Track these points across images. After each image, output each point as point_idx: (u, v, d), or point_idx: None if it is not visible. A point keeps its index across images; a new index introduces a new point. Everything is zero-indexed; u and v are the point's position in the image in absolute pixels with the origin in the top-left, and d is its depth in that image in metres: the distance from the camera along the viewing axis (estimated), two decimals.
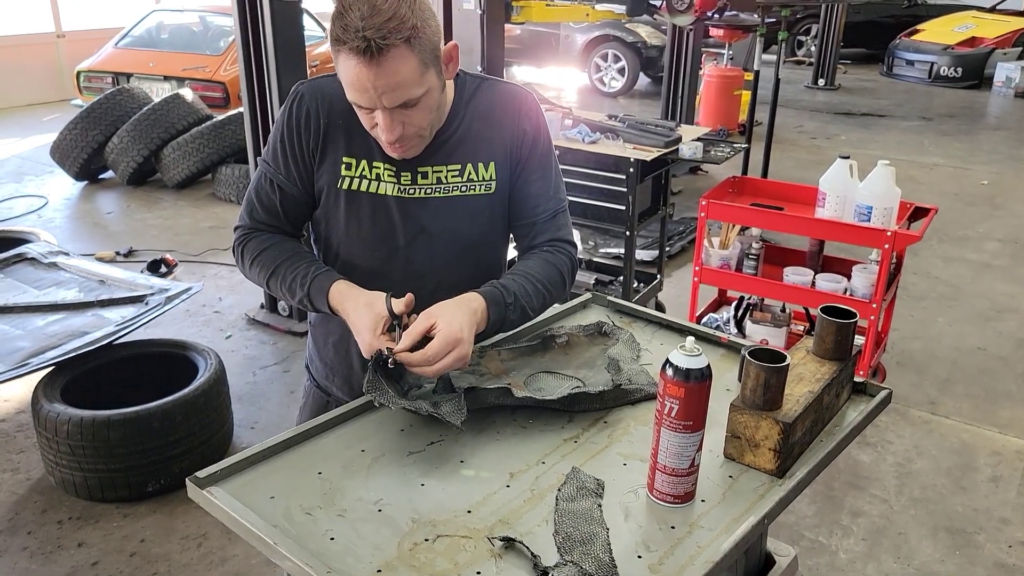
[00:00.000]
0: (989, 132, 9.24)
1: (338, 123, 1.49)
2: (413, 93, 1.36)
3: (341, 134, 1.50)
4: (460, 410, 1.35)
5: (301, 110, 1.50)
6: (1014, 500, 3.09)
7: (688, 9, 5.19)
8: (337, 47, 1.32)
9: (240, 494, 1.23)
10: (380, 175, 1.50)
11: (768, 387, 1.28)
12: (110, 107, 6.60)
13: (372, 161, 1.50)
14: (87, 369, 3.11)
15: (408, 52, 1.32)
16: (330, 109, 1.50)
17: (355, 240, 1.55)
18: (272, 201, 1.56)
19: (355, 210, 1.53)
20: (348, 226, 1.54)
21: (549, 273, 1.58)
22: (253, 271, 1.57)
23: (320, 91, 1.51)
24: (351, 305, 1.44)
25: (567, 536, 1.15)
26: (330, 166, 1.51)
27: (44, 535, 2.81)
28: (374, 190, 1.51)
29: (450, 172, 1.53)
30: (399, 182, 1.51)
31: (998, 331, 4.43)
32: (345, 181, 1.51)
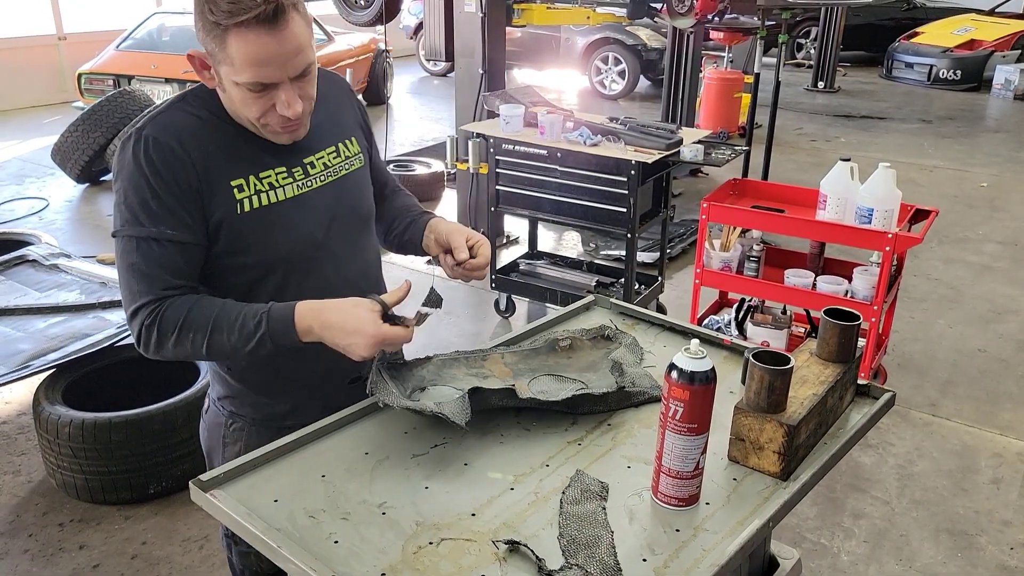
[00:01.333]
0: (988, 134, 9.24)
1: (208, 151, 1.39)
2: (309, 58, 1.35)
3: (215, 162, 1.39)
4: (464, 410, 1.35)
5: (164, 153, 1.36)
6: (1015, 502, 3.09)
7: (688, 12, 5.20)
8: (229, 24, 1.26)
9: (243, 497, 1.23)
10: (273, 183, 1.44)
11: (772, 390, 1.28)
12: (111, 109, 6.59)
13: (258, 173, 1.43)
14: (88, 371, 3.11)
15: (299, 16, 1.32)
16: (197, 143, 1.39)
17: (277, 255, 1.46)
18: (170, 260, 1.38)
19: (266, 226, 1.43)
20: (264, 246, 1.44)
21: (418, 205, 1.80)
22: (182, 342, 1.37)
23: (172, 127, 1.38)
24: (333, 315, 1.36)
25: (572, 539, 1.15)
26: (221, 197, 1.39)
27: (45, 537, 2.81)
28: (276, 199, 1.44)
29: (329, 155, 1.54)
30: (295, 180, 1.47)
31: (999, 333, 4.43)
32: (243, 204, 1.40)
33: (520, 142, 3.96)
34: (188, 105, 1.43)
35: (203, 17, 1.29)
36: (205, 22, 1.29)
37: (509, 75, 9.21)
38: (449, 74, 11.15)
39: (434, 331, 4.13)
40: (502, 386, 1.45)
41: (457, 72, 5.35)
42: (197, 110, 1.42)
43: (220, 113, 1.43)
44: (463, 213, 5.43)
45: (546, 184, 3.97)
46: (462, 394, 1.39)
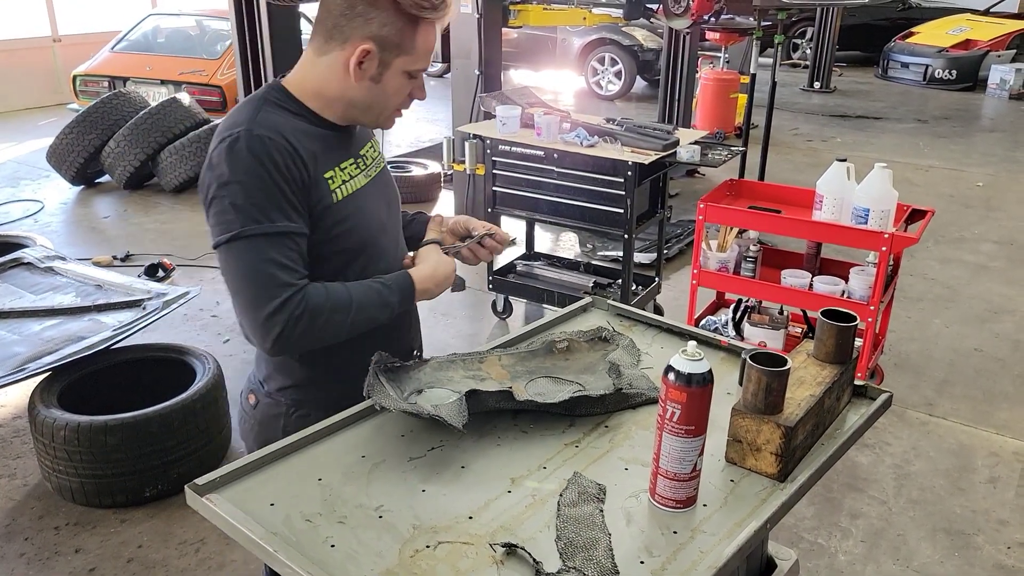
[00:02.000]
0: (984, 134, 9.26)
1: (307, 145, 1.45)
2: None
3: (313, 155, 1.45)
4: (461, 413, 1.35)
5: (280, 149, 1.40)
6: (1012, 501, 3.09)
7: (685, 12, 5.20)
8: (421, 20, 1.42)
9: (239, 501, 1.22)
10: (351, 172, 1.55)
11: (769, 391, 1.28)
12: (107, 111, 6.58)
13: (340, 164, 1.53)
14: (84, 374, 3.10)
15: None
16: (297, 140, 1.43)
17: (362, 238, 1.55)
18: (300, 253, 1.43)
19: (353, 211, 1.53)
20: (354, 230, 1.53)
21: None
22: (330, 324, 1.44)
23: (276, 125, 1.43)
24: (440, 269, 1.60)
25: (569, 542, 1.15)
26: (321, 187, 1.47)
27: (41, 541, 2.80)
28: (353, 188, 1.54)
29: (368, 149, 1.64)
30: (360, 169, 1.59)
31: (995, 332, 4.44)
32: (336, 193, 1.49)
33: (517, 143, 3.96)
34: (272, 105, 1.47)
35: (395, 10, 1.39)
36: (398, 15, 1.40)
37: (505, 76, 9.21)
38: (445, 75, 11.15)
39: (431, 332, 4.13)
40: (499, 388, 1.45)
41: (453, 73, 5.35)
42: (283, 108, 1.47)
43: (303, 110, 1.49)
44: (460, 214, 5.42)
45: (543, 185, 3.97)
46: (459, 396, 1.39)
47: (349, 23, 1.40)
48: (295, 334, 1.39)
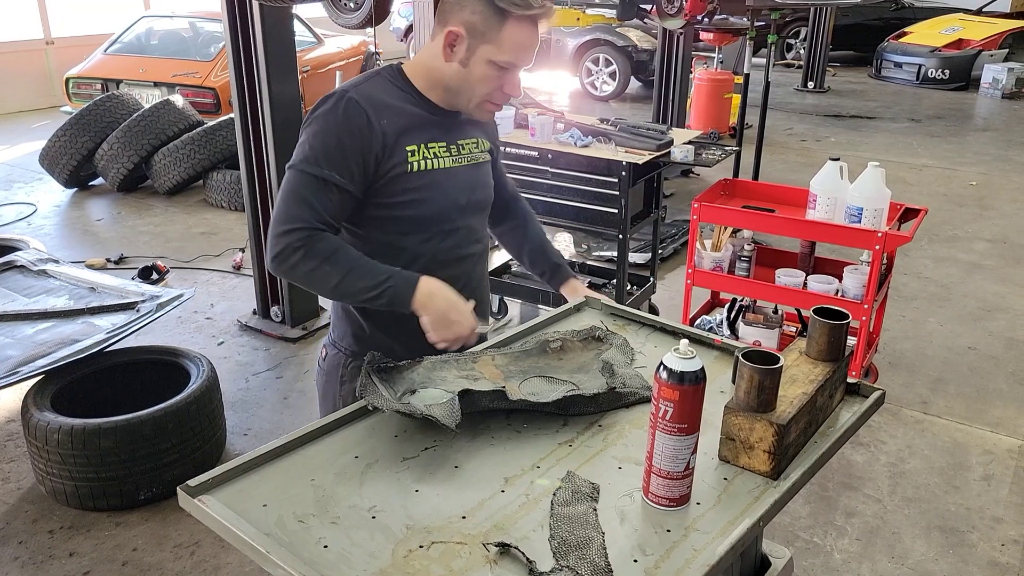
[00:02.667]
0: (977, 133, 9.29)
1: (395, 120, 1.63)
2: None
3: (401, 128, 1.64)
4: (454, 413, 1.35)
5: (358, 116, 1.59)
6: (1006, 498, 3.10)
7: (678, 13, 5.21)
8: (511, 13, 1.54)
9: (232, 502, 1.22)
10: (437, 152, 1.69)
11: (762, 389, 1.28)
12: (100, 113, 6.57)
13: (427, 143, 1.67)
14: (78, 377, 3.09)
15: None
16: (386, 109, 1.63)
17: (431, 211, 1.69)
18: (327, 201, 1.60)
19: (427, 185, 1.67)
20: (424, 201, 1.68)
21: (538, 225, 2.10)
22: (319, 273, 1.59)
23: (371, 96, 1.62)
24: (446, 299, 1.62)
25: (563, 541, 1.15)
26: (398, 157, 1.63)
27: (35, 545, 2.79)
28: (437, 166, 1.69)
29: (471, 143, 1.77)
30: (451, 154, 1.72)
31: (988, 330, 4.45)
32: (413, 165, 1.65)
33: (511, 143, 3.96)
34: (384, 79, 1.68)
35: (487, 1, 1.54)
36: (488, 5, 1.54)
37: None
38: None
39: None
40: (492, 388, 1.45)
41: None
42: (392, 84, 1.67)
43: (408, 88, 1.67)
44: None
45: (537, 185, 3.97)
46: (452, 396, 1.39)
47: (450, 8, 1.59)
48: (288, 263, 1.58)
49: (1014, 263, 5.42)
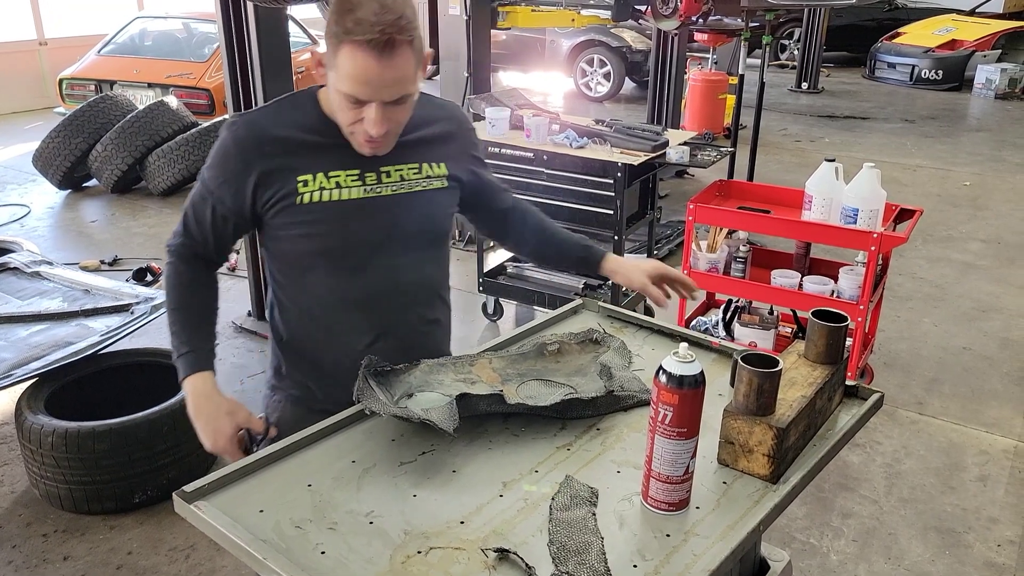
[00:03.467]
0: (971, 134, 9.32)
1: (281, 149, 1.54)
2: (408, 90, 1.45)
3: (290, 158, 1.54)
4: (452, 417, 1.34)
5: (234, 146, 1.54)
6: (1002, 499, 3.10)
7: (673, 14, 5.21)
8: (343, 40, 1.37)
9: (228, 508, 1.21)
10: (340, 182, 1.55)
11: (761, 392, 1.28)
12: (93, 115, 6.54)
13: (328, 172, 1.55)
14: (72, 380, 3.07)
15: (410, 51, 1.41)
16: (273, 139, 1.54)
17: (330, 248, 1.58)
18: (204, 217, 1.60)
19: (321, 219, 1.55)
20: (316, 237, 1.57)
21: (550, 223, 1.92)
22: (165, 289, 1.66)
23: (254, 125, 1.56)
24: (209, 408, 1.55)
25: (562, 546, 1.14)
26: (283, 190, 1.54)
27: (29, 549, 2.77)
28: (336, 197, 1.55)
29: (410, 170, 1.62)
30: (364, 183, 1.57)
31: (983, 331, 4.46)
32: (303, 197, 1.54)
33: (506, 145, 3.95)
34: (288, 105, 1.60)
35: (329, 22, 1.41)
36: (328, 27, 1.41)
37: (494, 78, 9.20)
38: (434, 77, 11.14)
39: None
40: (490, 391, 1.44)
41: (442, 75, 5.34)
42: (295, 109, 1.57)
43: (314, 113, 1.56)
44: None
45: (532, 187, 3.96)
46: (450, 400, 1.38)
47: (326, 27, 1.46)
48: (164, 265, 1.67)
49: (1008, 263, 5.43)
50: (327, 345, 1.65)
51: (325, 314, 1.63)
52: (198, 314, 1.65)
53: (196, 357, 1.60)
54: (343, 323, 1.63)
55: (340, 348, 1.63)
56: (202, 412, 1.55)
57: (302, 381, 1.69)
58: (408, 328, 1.65)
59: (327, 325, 1.64)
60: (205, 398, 1.56)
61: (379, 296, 1.61)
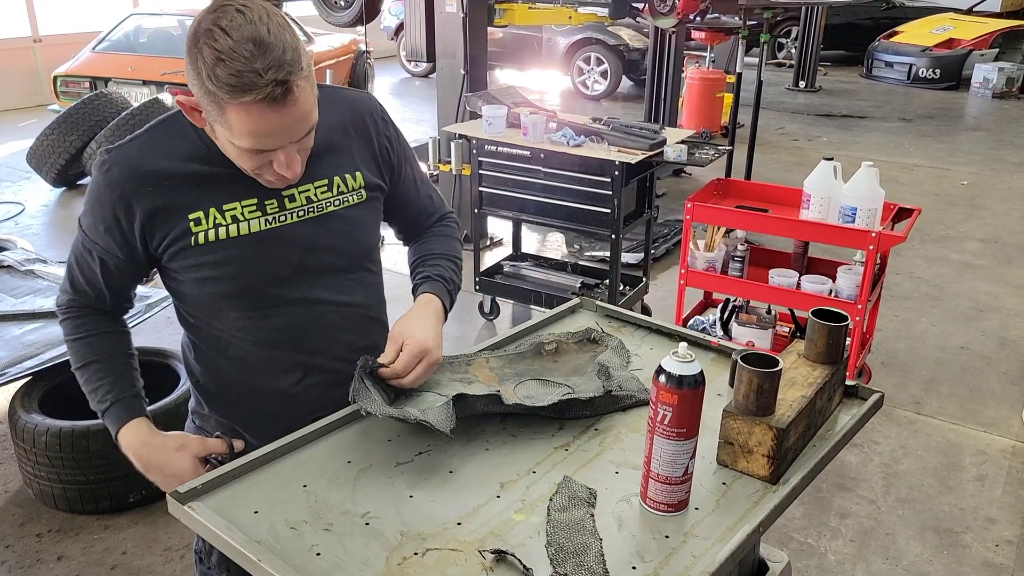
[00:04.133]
0: (968, 133, 9.32)
1: (164, 185, 1.35)
2: (313, 119, 1.30)
3: (172, 196, 1.36)
4: (449, 418, 1.33)
5: (117, 185, 1.35)
6: (1000, 499, 3.10)
7: (670, 12, 5.20)
8: (233, 100, 1.18)
9: (223, 509, 1.20)
10: (237, 215, 1.38)
11: (761, 392, 1.27)
12: (88, 112, 6.51)
13: (221, 206, 1.37)
14: (66, 379, 3.04)
15: (304, 81, 1.24)
16: (151, 176, 1.35)
17: (237, 289, 1.42)
18: (93, 271, 1.44)
19: (221, 260, 1.39)
20: (219, 279, 1.41)
21: (452, 245, 1.69)
22: (69, 351, 1.50)
23: (130, 160, 1.35)
24: (155, 456, 1.43)
25: (560, 548, 1.13)
26: (176, 229, 1.37)
27: (23, 549, 2.76)
28: (236, 232, 1.38)
29: (318, 189, 1.44)
30: (265, 213, 1.40)
31: (981, 330, 4.45)
32: (199, 237, 1.37)
33: (503, 143, 3.94)
34: (167, 131, 1.38)
35: (199, 79, 1.19)
36: (200, 83, 1.20)
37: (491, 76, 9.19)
38: (431, 75, 11.11)
39: None
40: (487, 392, 1.42)
41: (439, 73, 5.32)
42: (178, 136, 1.36)
43: (200, 140, 1.36)
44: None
45: (530, 185, 3.95)
46: (446, 401, 1.37)
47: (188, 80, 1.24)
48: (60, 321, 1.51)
49: (1006, 263, 5.43)
50: (249, 388, 1.52)
51: (242, 356, 1.48)
52: (111, 363, 1.48)
53: (122, 407, 1.45)
54: (263, 364, 1.49)
55: (262, 391, 1.51)
56: (151, 463, 1.42)
57: (226, 423, 1.56)
58: (338, 360, 1.47)
59: (245, 367, 1.50)
60: (147, 448, 1.43)
61: (298, 332, 1.47)
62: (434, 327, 1.48)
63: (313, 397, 1.50)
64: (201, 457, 1.45)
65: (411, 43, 5.43)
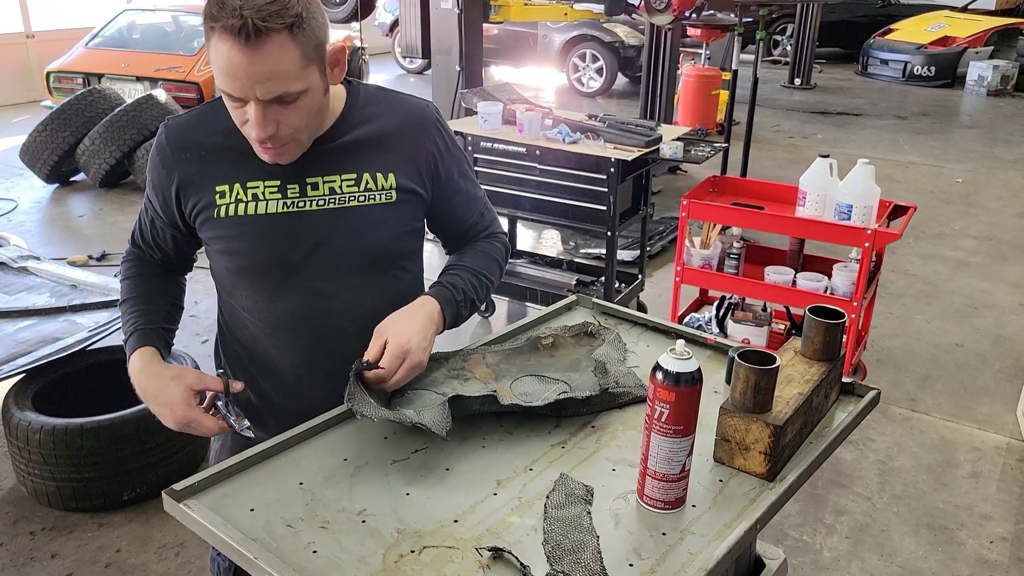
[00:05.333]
0: (963, 130, 9.34)
1: (204, 156, 1.44)
2: (291, 87, 1.28)
3: (210, 166, 1.43)
4: (445, 419, 1.32)
5: (163, 150, 1.46)
6: (994, 496, 3.10)
7: (666, 8, 5.20)
8: (210, 25, 1.23)
9: (219, 507, 1.19)
10: (259, 194, 1.42)
11: (758, 389, 1.26)
12: (81, 108, 6.48)
13: (246, 182, 1.42)
14: (59, 376, 3.04)
15: (289, 41, 1.24)
16: (196, 146, 1.44)
17: (246, 267, 1.48)
18: (149, 234, 1.57)
19: (236, 236, 1.44)
20: (233, 255, 1.47)
21: (485, 262, 1.62)
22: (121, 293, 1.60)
23: (180, 128, 1.47)
24: (151, 383, 1.44)
25: (557, 545, 1.13)
26: (205, 201, 1.44)
27: (16, 547, 2.75)
28: (253, 211, 1.42)
29: (345, 182, 1.45)
30: (285, 196, 1.43)
31: (975, 327, 4.47)
32: (220, 209, 1.43)
33: (499, 140, 3.93)
34: (216, 108, 1.43)
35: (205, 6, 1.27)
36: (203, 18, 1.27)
37: (486, 72, 9.17)
38: (426, 72, 11.09)
39: None
40: (484, 390, 1.42)
41: (434, 70, 5.31)
42: (222, 114, 1.39)
43: None
44: None
45: (525, 182, 3.95)
46: (442, 402, 1.36)
47: None
48: None
49: (1000, 260, 5.45)
50: (257, 373, 1.56)
51: (252, 338, 1.54)
52: (143, 301, 1.54)
53: (137, 336, 1.48)
54: (268, 351, 1.53)
55: (269, 379, 1.55)
56: (148, 391, 1.43)
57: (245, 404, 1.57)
58: (342, 361, 1.40)
59: (253, 351, 1.55)
60: (147, 375, 1.44)
61: (303, 325, 1.48)
62: (421, 329, 1.42)
63: (308, 394, 1.51)
64: (197, 391, 1.44)
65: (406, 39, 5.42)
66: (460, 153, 1.60)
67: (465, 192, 1.61)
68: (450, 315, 1.51)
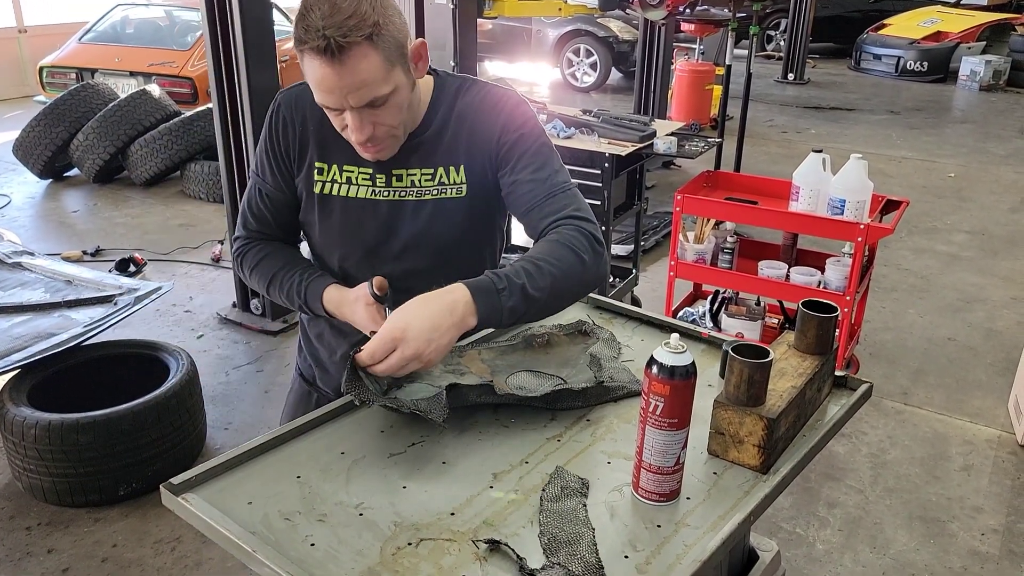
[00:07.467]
0: (955, 125, 9.38)
1: (311, 129, 1.53)
2: (379, 91, 1.35)
3: (314, 141, 1.53)
4: (442, 408, 1.33)
5: (279, 120, 1.55)
6: (986, 488, 3.13)
7: (660, 4, 5.20)
8: (300, 48, 1.32)
9: (216, 500, 1.20)
10: (352, 179, 1.52)
11: (752, 383, 1.27)
12: (75, 103, 6.46)
13: (343, 165, 1.52)
14: (54, 371, 3.04)
15: (371, 50, 1.31)
16: (304, 117, 1.53)
17: (330, 243, 1.60)
18: (262, 210, 1.61)
19: (328, 214, 1.56)
20: (323, 230, 1.58)
21: (553, 250, 1.43)
22: (254, 280, 1.63)
23: (295, 99, 1.55)
24: (347, 309, 1.51)
25: (553, 537, 1.14)
26: (307, 172, 1.55)
27: (12, 542, 2.75)
28: (344, 193, 1.53)
29: (424, 176, 1.52)
30: (374, 184, 1.53)
31: (967, 322, 4.49)
32: (318, 186, 1.54)
33: None
34: None
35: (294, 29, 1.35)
36: None
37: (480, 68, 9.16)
38: None
39: None
40: (480, 383, 1.43)
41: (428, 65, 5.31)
42: None
43: None
44: None
45: None
46: (439, 391, 1.37)
47: None
48: (238, 270, 1.67)
49: (992, 255, 5.48)
50: (323, 343, 1.70)
51: None
52: (293, 266, 1.60)
53: (315, 284, 1.55)
54: (330, 330, 1.66)
55: (330, 350, 1.69)
56: (346, 316, 1.52)
57: (307, 361, 1.76)
58: None
59: (324, 324, 1.67)
60: (337, 304, 1.53)
61: None
62: (430, 316, 1.29)
63: None
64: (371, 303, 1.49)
65: None
66: (537, 135, 1.53)
67: (532, 175, 1.51)
68: (485, 305, 1.33)
